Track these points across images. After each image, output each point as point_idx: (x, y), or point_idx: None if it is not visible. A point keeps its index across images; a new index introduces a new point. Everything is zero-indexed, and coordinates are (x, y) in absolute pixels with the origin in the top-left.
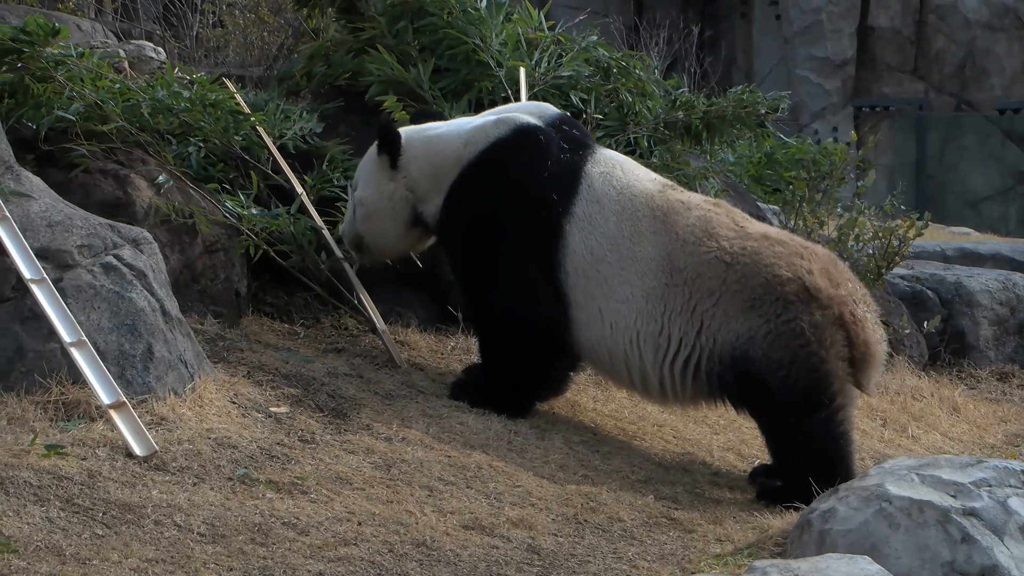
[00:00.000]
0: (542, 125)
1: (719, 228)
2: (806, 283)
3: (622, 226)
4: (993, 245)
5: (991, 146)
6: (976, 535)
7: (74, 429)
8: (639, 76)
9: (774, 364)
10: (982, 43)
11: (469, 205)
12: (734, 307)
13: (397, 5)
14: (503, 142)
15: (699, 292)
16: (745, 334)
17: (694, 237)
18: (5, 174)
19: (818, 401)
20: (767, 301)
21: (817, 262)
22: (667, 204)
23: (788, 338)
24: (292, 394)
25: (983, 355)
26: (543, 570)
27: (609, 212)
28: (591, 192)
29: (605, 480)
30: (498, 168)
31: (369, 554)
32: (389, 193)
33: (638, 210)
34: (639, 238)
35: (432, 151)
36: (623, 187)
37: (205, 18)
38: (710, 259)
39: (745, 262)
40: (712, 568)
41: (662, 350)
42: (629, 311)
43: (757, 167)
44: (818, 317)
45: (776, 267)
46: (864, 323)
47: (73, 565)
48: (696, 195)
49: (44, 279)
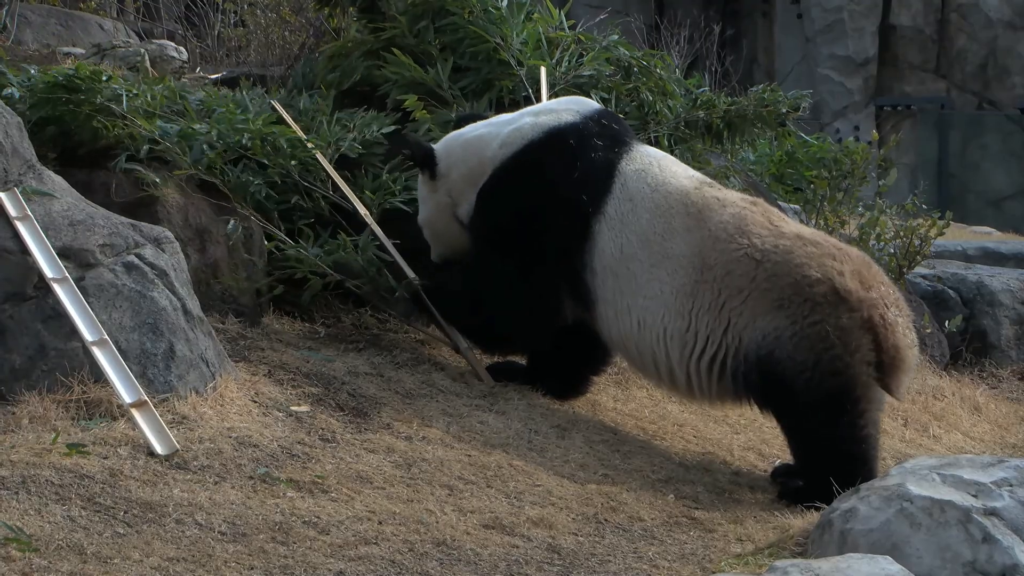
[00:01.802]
0: (578, 123)
1: (752, 226)
2: (835, 285)
3: (654, 223)
4: (1015, 244)
5: (1013, 145)
6: (997, 535)
7: (96, 428)
8: (660, 75)
9: (799, 366)
10: (1004, 42)
11: (501, 204)
12: (762, 306)
13: (418, 4)
14: (536, 144)
15: (728, 289)
16: (772, 334)
17: (726, 234)
18: (27, 173)
19: (841, 404)
20: (795, 302)
21: (849, 264)
22: (702, 201)
23: (813, 340)
24: (313, 393)
25: (1004, 354)
26: (563, 569)
27: (642, 210)
28: (624, 190)
29: (625, 479)
30: (530, 169)
31: (389, 553)
32: (436, 204)
33: (672, 207)
34: (671, 235)
35: (469, 153)
36: (658, 184)
37: (227, 17)
38: (740, 256)
39: (775, 260)
40: (733, 568)
41: (688, 347)
42: (657, 308)
43: (778, 166)
44: (845, 320)
45: (806, 267)
46: (894, 327)
47: (94, 564)
48: (734, 193)
49: (66, 278)
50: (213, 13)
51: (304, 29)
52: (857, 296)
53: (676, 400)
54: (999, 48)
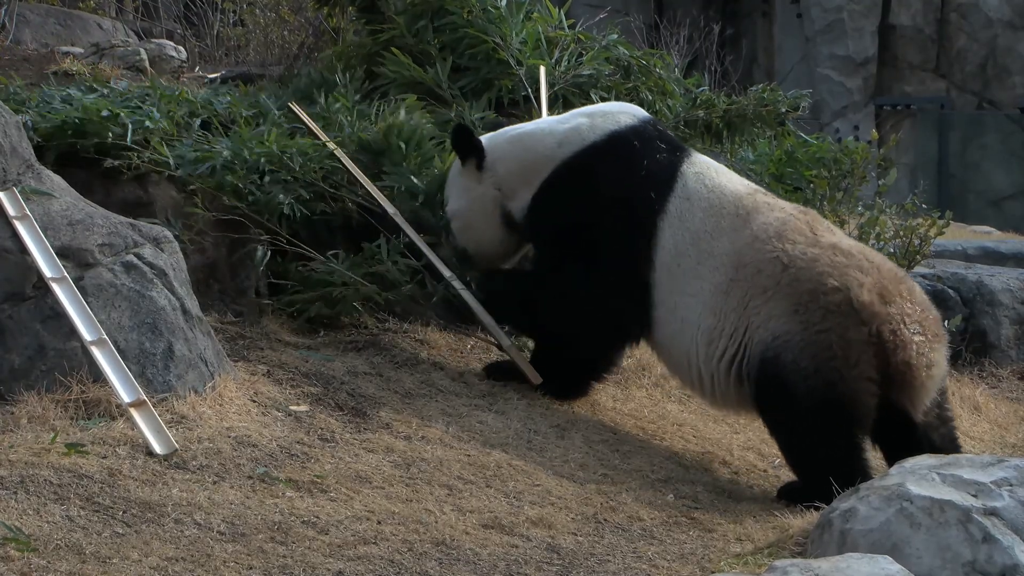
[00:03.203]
0: (638, 126)
1: (792, 232)
2: (851, 296)
3: (706, 221)
4: (1015, 244)
5: (1013, 145)
6: (997, 535)
7: (94, 428)
8: (659, 75)
9: (801, 371)
10: (1004, 41)
11: (565, 205)
12: (780, 308)
13: (417, 4)
14: (599, 145)
15: (755, 288)
16: (783, 336)
17: (765, 235)
18: (26, 172)
19: (836, 414)
20: (810, 308)
21: (874, 277)
22: (752, 204)
23: (818, 348)
24: (312, 393)
25: (1004, 354)
26: (563, 569)
27: (697, 208)
28: (684, 189)
29: (625, 479)
30: (594, 172)
31: (389, 553)
32: (479, 196)
33: (724, 207)
34: (719, 233)
35: (521, 148)
36: (714, 186)
37: (226, 17)
38: (772, 258)
39: (800, 265)
40: (732, 568)
41: (714, 344)
42: (697, 305)
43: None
44: (852, 333)
45: (827, 276)
46: (907, 345)
47: (93, 564)
48: (787, 202)
49: (65, 278)
50: (212, 12)
51: (303, 29)
52: (871, 310)
53: (676, 400)
54: (999, 48)
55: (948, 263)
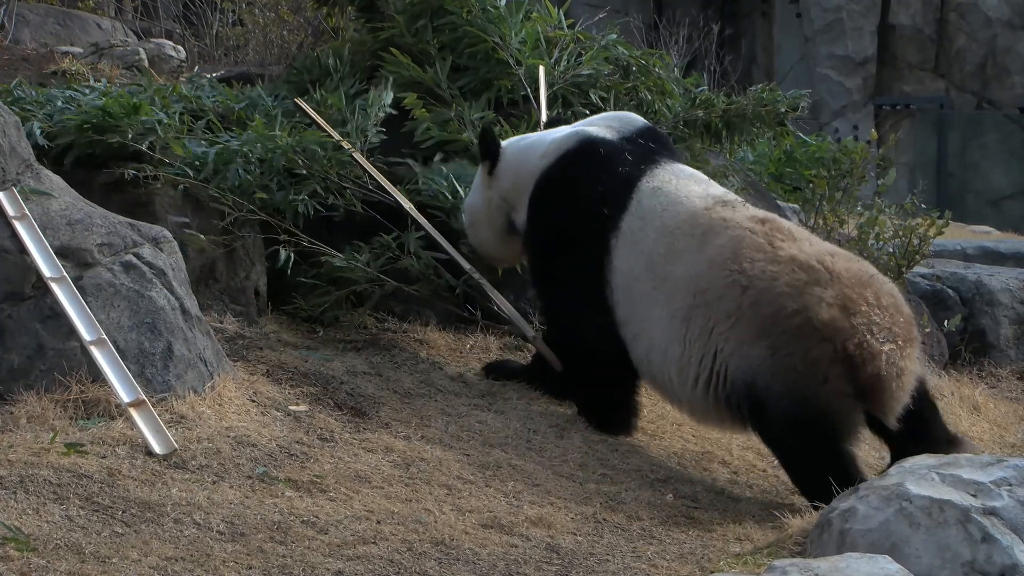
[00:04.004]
0: (610, 138)
1: (747, 250)
2: (810, 315)
3: (659, 243)
4: (1014, 244)
5: (1012, 144)
6: (996, 534)
7: (94, 427)
8: (659, 74)
9: (775, 395)
10: (1003, 41)
11: (542, 217)
12: (746, 333)
13: (416, 4)
14: (568, 156)
15: (717, 314)
16: (755, 363)
17: (721, 258)
18: (26, 172)
19: (816, 430)
20: (774, 332)
21: (836, 289)
22: (708, 223)
23: (787, 371)
24: (311, 392)
25: (1004, 354)
26: (562, 569)
27: (650, 228)
28: (639, 207)
29: (624, 479)
30: (563, 182)
31: (388, 552)
32: (487, 200)
33: (678, 227)
34: (674, 256)
35: (518, 161)
36: (669, 203)
37: (225, 16)
38: (729, 282)
39: (760, 287)
40: (732, 567)
41: (685, 372)
42: (659, 331)
43: (777, 165)
44: (817, 353)
45: (786, 297)
46: (875, 357)
47: (93, 563)
48: (745, 211)
49: (64, 277)
50: (211, 12)
51: (302, 28)
52: (833, 327)
53: None
54: (998, 47)
55: (947, 263)
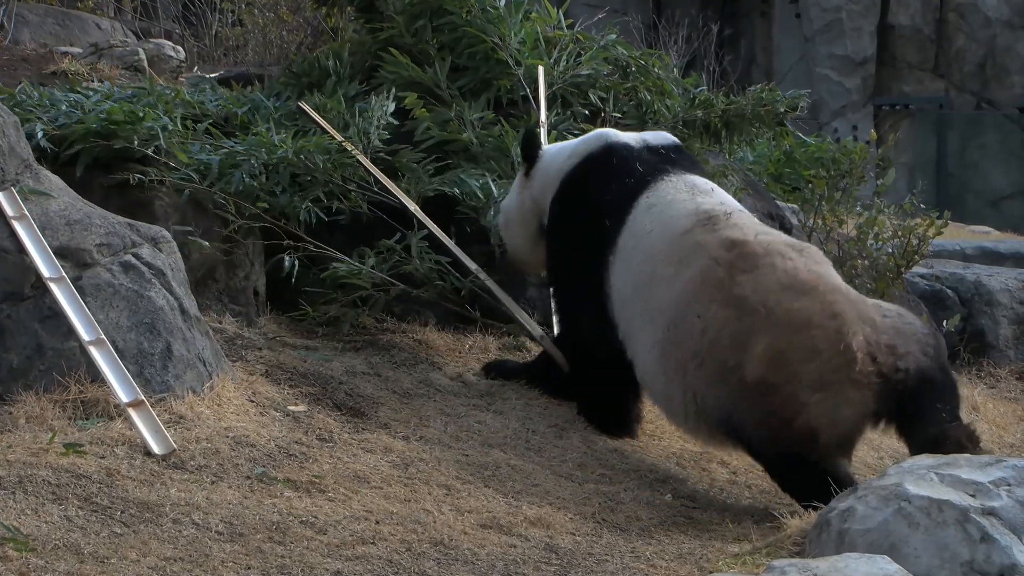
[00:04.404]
0: (631, 146)
1: (709, 287)
2: (744, 374)
3: (644, 267)
4: (1013, 244)
5: (1012, 145)
6: (995, 534)
7: (93, 427)
8: (658, 75)
9: (749, 430)
10: (1003, 41)
11: (559, 218)
12: (710, 375)
13: (416, 4)
14: (586, 162)
15: (686, 353)
16: (724, 401)
17: (688, 295)
18: (24, 172)
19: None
20: (728, 381)
21: (771, 338)
22: (683, 250)
23: (750, 413)
24: (310, 393)
25: (1003, 354)
26: (561, 569)
27: (639, 250)
28: (634, 224)
29: (623, 479)
30: (578, 187)
31: (387, 553)
32: (521, 203)
33: (659, 253)
34: (654, 283)
35: (549, 162)
36: (656, 223)
37: (224, 17)
38: (692, 322)
39: (711, 336)
40: (731, 567)
41: (672, 401)
42: (647, 359)
43: (776, 165)
44: (759, 406)
45: (728, 351)
46: (801, 409)
47: (91, 564)
48: (720, 234)
49: (63, 278)
50: (211, 12)
51: (302, 28)
52: (761, 384)
53: None
54: (998, 48)
55: (946, 263)
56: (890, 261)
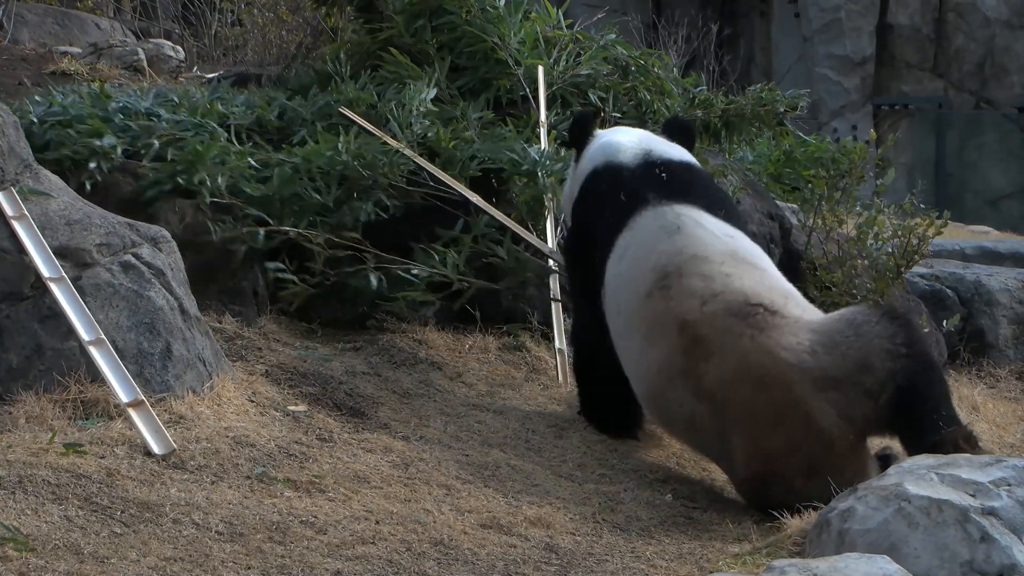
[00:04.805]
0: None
1: (676, 374)
2: (735, 468)
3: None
4: (1012, 244)
5: (1011, 144)
6: (995, 534)
7: (92, 427)
8: (657, 74)
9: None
10: (1002, 41)
11: (569, 228)
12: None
13: (415, 4)
14: (589, 180)
15: (677, 424)
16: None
17: (661, 375)
18: (24, 172)
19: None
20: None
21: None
22: (645, 322)
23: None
24: (310, 393)
25: (1003, 354)
26: (561, 569)
27: (617, 299)
28: (614, 267)
29: (623, 479)
30: (580, 206)
31: (387, 553)
32: (571, 188)
33: (630, 314)
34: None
35: (590, 155)
36: (625, 280)
37: (224, 16)
38: (676, 408)
39: (697, 427)
40: (731, 567)
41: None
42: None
43: (776, 165)
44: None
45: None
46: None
47: (91, 564)
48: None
49: (63, 277)
50: (210, 12)
51: (301, 28)
52: (758, 480)
53: None
54: (997, 47)
55: (946, 263)
56: (890, 261)
